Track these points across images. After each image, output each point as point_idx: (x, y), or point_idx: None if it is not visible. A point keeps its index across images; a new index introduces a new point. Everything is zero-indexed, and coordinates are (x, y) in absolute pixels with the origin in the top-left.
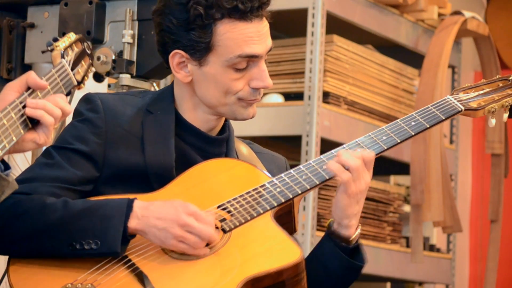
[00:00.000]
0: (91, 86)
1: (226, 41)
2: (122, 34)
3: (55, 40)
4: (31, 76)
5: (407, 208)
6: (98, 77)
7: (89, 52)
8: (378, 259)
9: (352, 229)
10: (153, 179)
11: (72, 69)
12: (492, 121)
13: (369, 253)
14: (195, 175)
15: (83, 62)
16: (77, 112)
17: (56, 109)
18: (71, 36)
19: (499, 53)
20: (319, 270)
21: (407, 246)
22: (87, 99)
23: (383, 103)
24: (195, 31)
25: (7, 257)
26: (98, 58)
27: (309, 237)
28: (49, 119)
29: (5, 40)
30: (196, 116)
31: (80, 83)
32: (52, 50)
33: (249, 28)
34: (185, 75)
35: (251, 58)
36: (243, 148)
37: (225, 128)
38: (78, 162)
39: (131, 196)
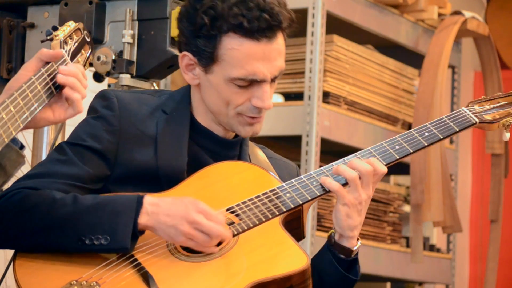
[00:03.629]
0: (91, 86)
1: (230, 59)
2: (122, 34)
3: (55, 29)
4: (43, 51)
5: (407, 208)
6: (98, 77)
7: (88, 40)
8: (378, 259)
9: (353, 241)
10: (164, 181)
11: (71, 59)
12: (507, 135)
13: (369, 253)
14: (206, 176)
15: (83, 51)
16: (92, 109)
17: (84, 80)
18: (71, 25)
19: (499, 53)
20: (315, 279)
21: (407, 246)
22: (103, 95)
23: (383, 103)
24: (201, 39)
25: (6, 257)
26: (98, 58)
27: (309, 237)
28: (80, 88)
29: (5, 40)
30: (209, 119)
31: None
32: (51, 40)
33: (255, 48)
34: (192, 77)
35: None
36: (259, 153)
37: None
38: (90, 159)
39: (141, 194)
